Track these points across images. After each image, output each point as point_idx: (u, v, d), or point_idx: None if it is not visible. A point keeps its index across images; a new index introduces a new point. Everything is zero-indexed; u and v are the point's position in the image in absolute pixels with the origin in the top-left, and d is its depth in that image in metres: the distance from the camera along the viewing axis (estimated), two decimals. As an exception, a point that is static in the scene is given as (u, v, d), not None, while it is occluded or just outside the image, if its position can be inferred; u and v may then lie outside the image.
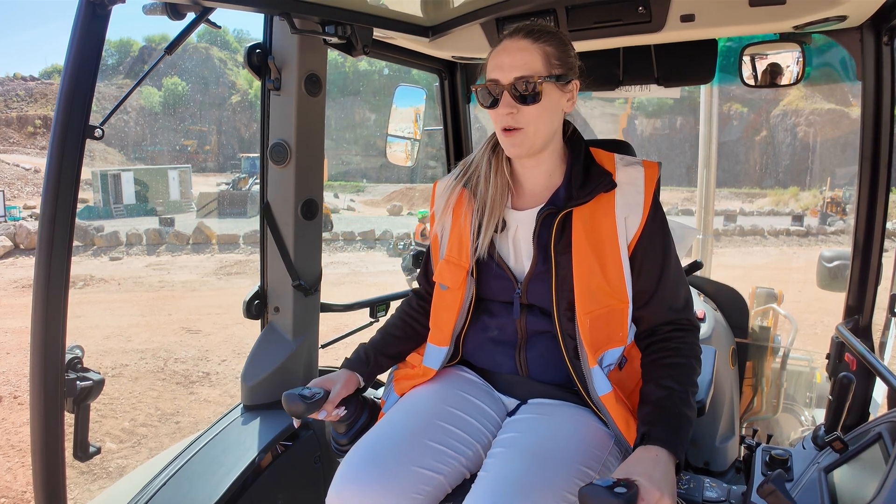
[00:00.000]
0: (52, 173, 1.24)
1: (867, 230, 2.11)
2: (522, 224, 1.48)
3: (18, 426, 7.15)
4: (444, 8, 2.01)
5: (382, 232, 24.69)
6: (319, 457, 2.09)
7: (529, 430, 1.36)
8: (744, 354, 3.28)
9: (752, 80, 2.25)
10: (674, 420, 1.30)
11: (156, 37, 56.89)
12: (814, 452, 1.59)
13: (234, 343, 10.38)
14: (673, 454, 1.25)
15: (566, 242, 1.40)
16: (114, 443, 6.79)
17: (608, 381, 1.38)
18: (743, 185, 43.31)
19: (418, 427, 1.38)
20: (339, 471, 1.32)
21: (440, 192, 1.62)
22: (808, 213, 31.94)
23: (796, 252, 23.67)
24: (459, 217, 1.54)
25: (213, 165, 52.32)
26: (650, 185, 1.43)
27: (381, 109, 48.81)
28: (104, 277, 17.37)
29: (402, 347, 1.68)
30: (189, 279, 17.44)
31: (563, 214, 1.41)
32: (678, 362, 1.39)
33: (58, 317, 1.26)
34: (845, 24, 1.93)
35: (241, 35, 61.33)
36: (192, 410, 7.62)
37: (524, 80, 1.36)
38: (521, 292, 1.47)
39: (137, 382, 8.66)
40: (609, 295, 1.40)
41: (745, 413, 3.69)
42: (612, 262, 1.40)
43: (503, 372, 1.53)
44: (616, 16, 1.95)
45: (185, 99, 53.40)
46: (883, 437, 1.31)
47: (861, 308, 2.16)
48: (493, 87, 1.39)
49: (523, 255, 1.48)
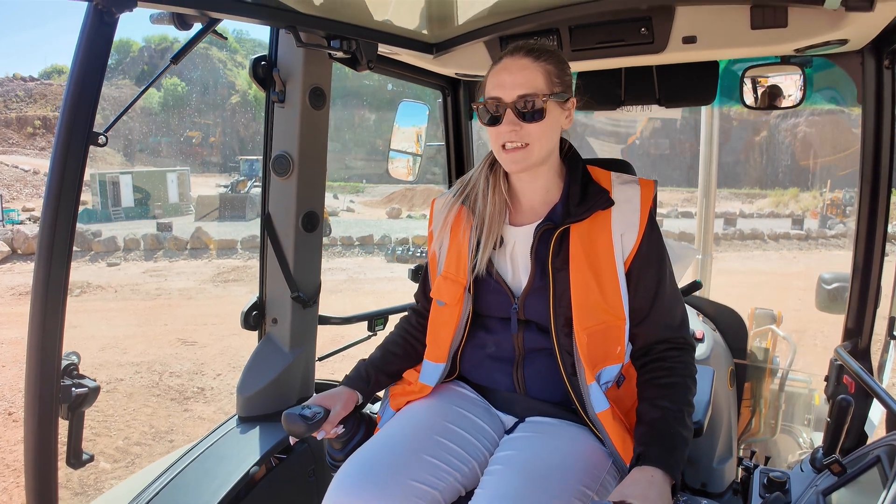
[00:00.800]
0: (54, 179, 1.24)
1: (866, 254, 2.11)
2: (520, 240, 1.48)
3: (13, 444, 7.01)
4: (448, 25, 2.03)
5: (381, 237, 24.55)
6: (314, 470, 2.07)
7: (528, 448, 1.36)
8: (742, 375, 3.26)
9: (753, 102, 2.27)
10: (669, 440, 1.29)
11: (155, 37, 56.54)
12: (812, 475, 1.58)
13: (230, 355, 10.32)
14: (668, 474, 1.24)
15: (563, 258, 1.41)
16: (108, 462, 6.71)
17: (605, 399, 1.38)
18: (743, 186, 42.90)
19: (414, 441, 1.37)
20: (332, 483, 1.31)
21: (438, 209, 1.63)
22: (808, 214, 31.71)
23: (796, 257, 23.54)
24: (458, 234, 1.55)
25: (217, 160, 51.95)
26: (646, 203, 1.44)
27: (381, 109, 48.51)
28: (101, 284, 17.32)
29: (401, 366, 1.67)
30: (186, 286, 17.38)
31: (561, 231, 1.42)
32: (673, 382, 1.39)
33: (55, 323, 1.26)
34: (846, 48, 1.95)
35: (241, 35, 60.85)
36: (186, 428, 7.57)
37: (527, 98, 1.37)
38: (518, 307, 1.47)
39: (132, 398, 8.58)
40: (606, 311, 1.40)
41: (743, 434, 3.67)
42: (609, 279, 1.40)
43: (500, 389, 1.52)
44: (619, 36, 1.97)
45: (185, 99, 53.13)
46: (881, 460, 1.30)
47: (860, 330, 2.16)
48: (495, 105, 1.40)
49: (521, 271, 1.48)
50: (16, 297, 15.81)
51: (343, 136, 50.02)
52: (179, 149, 50.46)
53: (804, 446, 4.24)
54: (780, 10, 1.77)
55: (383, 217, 33.62)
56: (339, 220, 30.71)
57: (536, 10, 1.92)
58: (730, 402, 2.84)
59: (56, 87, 53.14)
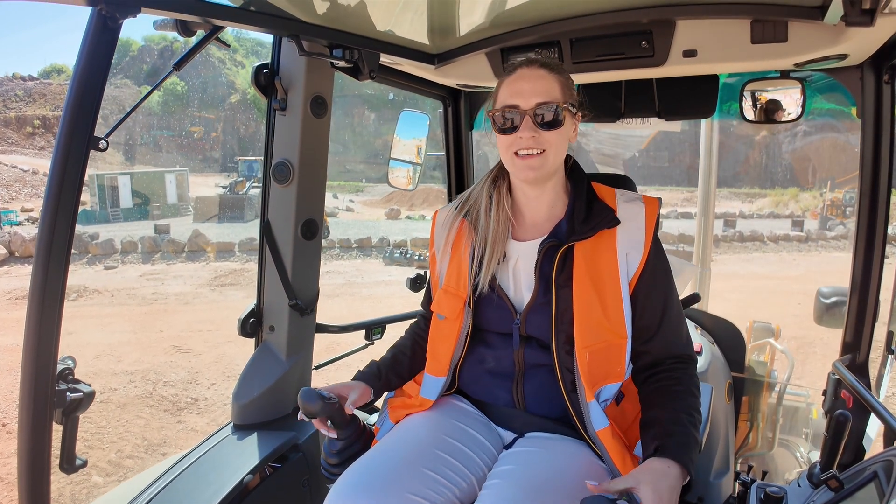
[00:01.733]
0: (54, 183, 1.23)
1: (864, 268, 2.12)
2: (524, 255, 1.48)
3: (6, 457, 6.91)
4: (450, 37, 2.04)
5: (379, 239, 24.40)
6: (308, 480, 2.06)
7: (526, 463, 1.35)
8: (740, 389, 3.26)
9: (753, 116, 2.28)
10: (684, 437, 1.30)
11: (154, 37, 55.99)
12: (809, 490, 1.57)
13: (225, 364, 10.26)
14: (684, 470, 1.24)
15: (567, 276, 1.41)
16: (100, 476, 6.63)
17: (605, 416, 1.38)
18: (742, 186, 42.78)
19: (412, 454, 1.36)
20: (330, 494, 1.30)
21: (440, 222, 1.63)
22: (807, 214, 31.58)
23: (796, 259, 23.42)
24: (459, 248, 1.55)
25: (217, 155, 51.75)
26: (650, 222, 1.45)
27: (381, 108, 48.33)
28: (98, 288, 17.24)
29: (412, 367, 1.68)
30: (183, 291, 17.31)
31: (566, 248, 1.42)
32: (681, 390, 1.40)
33: (52, 326, 1.25)
34: (846, 63, 1.96)
35: (240, 34, 60.81)
36: (178, 441, 7.50)
37: (546, 106, 1.38)
38: (520, 323, 1.46)
39: (125, 409, 8.52)
40: (608, 330, 1.40)
41: (741, 448, 3.66)
42: (612, 298, 1.40)
43: (500, 404, 1.52)
44: (619, 49, 1.98)
45: (184, 99, 52.91)
46: (878, 476, 1.30)
47: (858, 345, 2.16)
48: (512, 112, 1.41)
49: (523, 286, 1.48)
50: (12, 302, 15.70)
51: (343, 137, 49.86)
52: (178, 144, 50.20)
53: (801, 461, 4.23)
54: (781, 25, 1.78)
55: (382, 218, 33.42)
56: (337, 220, 30.60)
57: (538, 23, 1.93)
58: (727, 416, 2.83)
59: (55, 87, 53.09)
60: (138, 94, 47.58)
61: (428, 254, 1.71)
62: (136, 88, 48.91)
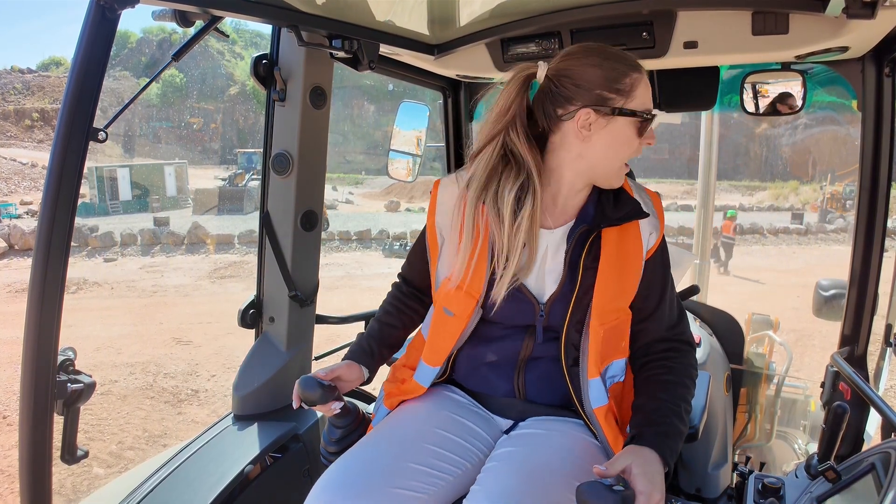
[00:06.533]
0: (53, 175, 1.23)
1: (863, 261, 2.12)
2: (552, 244, 1.42)
3: (7, 449, 6.92)
4: (450, 27, 2.04)
5: (379, 231, 24.34)
6: (308, 470, 2.07)
7: (524, 445, 1.36)
8: (738, 381, 3.27)
9: (753, 108, 2.27)
10: (664, 427, 1.30)
11: (153, 28, 55.66)
12: (807, 482, 1.58)
13: (225, 356, 10.29)
14: (662, 458, 1.25)
15: (593, 259, 1.39)
16: (101, 468, 6.65)
17: (605, 394, 1.39)
18: (742, 178, 42.66)
19: (400, 449, 1.35)
20: (312, 490, 1.30)
21: (443, 199, 1.49)
22: (807, 207, 31.47)
23: (795, 252, 23.39)
24: (476, 240, 1.40)
25: (217, 146, 51.48)
26: (660, 210, 1.48)
27: (381, 100, 47.90)
28: (97, 281, 17.24)
29: (400, 334, 1.66)
30: (182, 283, 17.31)
31: (595, 233, 1.40)
32: (671, 380, 1.40)
33: (52, 318, 1.25)
34: (847, 56, 1.96)
35: (239, 25, 59.89)
36: (179, 432, 7.53)
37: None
38: (544, 314, 1.42)
39: (126, 401, 8.54)
40: (622, 309, 1.43)
41: (739, 440, 3.67)
42: (631, 280, 1.42)
43: (498, 395, 1.51)
44: (620, 40, 1.97)
45: (183, 90, 52.62)
46: (876, 467, 1.31)
47: (857, 337, 2.17)
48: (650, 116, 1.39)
49: (546, 275, 1.42)
50: (12, 295, 15.69)
51: (342, 128, 49.56)
52: (177, 135, 49.98)
53: (799, 453, 4.25)
54: (782, 17, 1.77)
55: (382, 210, 33.22)
56: (337, 213, 30.41)
57: (538, 13, 1.92)
58: (725, 408, 2.84)
59: (54, 80, 52.81)
60: (137, 86, 47.08)
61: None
62: (135, 80, 48.47)
